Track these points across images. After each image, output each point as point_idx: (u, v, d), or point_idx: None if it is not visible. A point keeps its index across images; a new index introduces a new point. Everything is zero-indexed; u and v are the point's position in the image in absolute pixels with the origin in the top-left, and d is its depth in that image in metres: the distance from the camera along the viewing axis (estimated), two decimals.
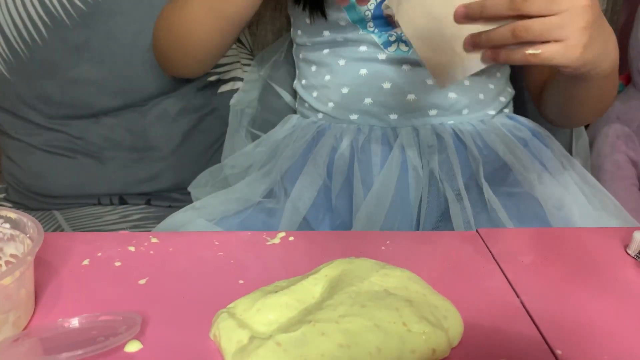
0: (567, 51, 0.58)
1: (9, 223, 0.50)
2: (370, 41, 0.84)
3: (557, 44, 0.58)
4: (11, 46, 0.98)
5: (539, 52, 0.58)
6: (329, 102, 0.88)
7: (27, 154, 1.07)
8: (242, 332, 0.43)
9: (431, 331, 0.43)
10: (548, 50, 0.58)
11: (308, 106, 0.92)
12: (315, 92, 0.90)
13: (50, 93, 1.01)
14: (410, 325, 0.43)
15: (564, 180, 0.80)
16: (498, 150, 0.81)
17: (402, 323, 0.43)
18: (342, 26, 0.85)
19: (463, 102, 0.84)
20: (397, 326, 0.43)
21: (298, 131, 0.90)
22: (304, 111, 0.93)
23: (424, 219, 0.78)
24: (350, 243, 0.59)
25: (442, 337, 0.43)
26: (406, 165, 0.80)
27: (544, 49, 0.58)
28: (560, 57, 0.59)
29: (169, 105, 1.05)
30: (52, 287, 0.51)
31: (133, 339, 0.44)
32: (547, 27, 0.57)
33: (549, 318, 0.48)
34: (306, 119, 0.92)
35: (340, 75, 0.86)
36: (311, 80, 0.91)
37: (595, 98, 0.78)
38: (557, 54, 0.58)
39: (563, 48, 0.58)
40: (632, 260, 0.56)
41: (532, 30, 0.57)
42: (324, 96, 0.89)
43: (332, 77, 0.87)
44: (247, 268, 0.54)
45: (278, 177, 0.84)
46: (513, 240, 0.60)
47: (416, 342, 0.43)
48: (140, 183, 1.07)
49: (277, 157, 0.87)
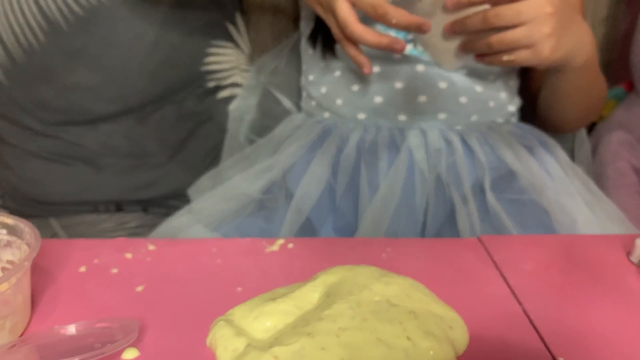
0: (536, 55, 0.68)
1: (5, 229, 0.49)
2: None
3: (527, 50, 0.68)
4: (8, 51, 0.98)
5: (513, 58, 0.69)
6: (338, 99, 0.86)
7: (23, 161, 1.07)
8: (238, 341, 0.43)
9: (439, 348, 0.42)
10: (519, 56, 0.68)
11: (315, 104, 0.90)
12: (324, 88, 0.88)
13: (47, 99, 1.01)
14: (416, 340, 0.42)
15: (568, 188, 0.80)
16: (504, 157, 0.81)
17: (406, 337, 0.42)
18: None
19: (473, 108, 0.84)
20: (401, 340, 0.42)
21: (303, 130, 0.89)
22: (310, 109, 0.92)
23: (430, 222, 0.77)
24: (350, 250, 0.58)
25: (449, 352, 0.42)
26: (413, 168, 0.80)
27: (516, 55, 0.68)
28: (531, 60, 0.69)
29: (167, 112, 1.05)
30: (48, 293, 0.50)
31: (130, 346, 0.43)
32: (516, 37, 0.67)
33: (551, 325, 0.47)
34: (311, 118, 0.91)
35: (351, 72, 0.85)
36: (320, 76, 0.89)
37: (577, 91, 0.82)
38: (528, 59, 0.69)
39: (532, 53, 0.68)
40: (635, 268, 0.56)
41: (504, 42, 0.67)
42: (332, 92, 0.87)
43: (343, 73, 0.86)
44: (245, 275, 0.54)
45: (280, 174, 0.83)
46: (515, 247, 0.60)
47: (423, 358, 0.41)
48: (137, 190, 1.07)
49: (280, 154, 0.87)
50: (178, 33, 1.00)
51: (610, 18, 1.13)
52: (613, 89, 1.16)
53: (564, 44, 0.69)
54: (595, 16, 1.12)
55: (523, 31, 0.66)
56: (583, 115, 0.90)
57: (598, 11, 1.13)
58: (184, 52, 1.02)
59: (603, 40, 1.15)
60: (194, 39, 1.03)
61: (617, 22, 1.14)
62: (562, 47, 0.69)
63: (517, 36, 0.67)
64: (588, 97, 0.85)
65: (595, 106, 0.90)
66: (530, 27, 0.66)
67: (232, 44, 1.07)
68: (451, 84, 0.82)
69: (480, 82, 0.83)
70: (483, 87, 0.84)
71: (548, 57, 0.68)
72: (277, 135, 0.92)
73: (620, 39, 1.16)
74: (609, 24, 1.14)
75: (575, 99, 0.84)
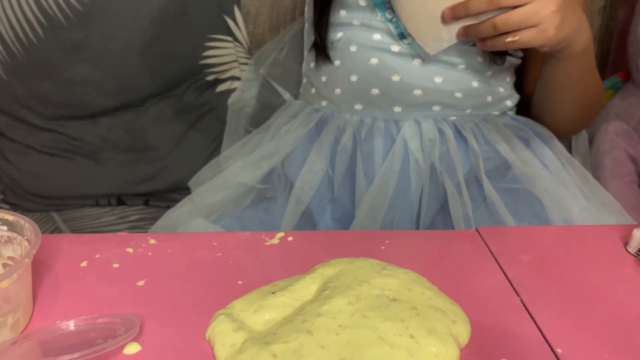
0: (541, 34, 0.67)
1: (6, 225, 0.50)
2: (386, 30, 0.83)
3: (532, 29, 0.67)
4: (7, 47, 0.98)
5: (517, 39, 0.68)
6: (337, 88, 0.87)
7: (24, 155, 1.07)
8: (236, 336, 0.43)
9: (442, 346, 0.41)
10: (525, 36, 0.68)
11: (315, 92, 0.91)
12: (324, 77, 0.89)
13: (47, 93, 1.01)
14: (419, 338, 0.41)
15: (564, 179, 0.80)
16: (498, 147, 0.81)
17: (409, 335, 0.41)
18: (361, 7, 0.84)
19: (469, 102, 0.84)
20: (403, 338, 0.41)
21: (300, 118, 0.89)
22: (309, 97, 0.93)
23: (424, 210, 0.78)
24: (349, 242, 0.59)
25: (453, 348, 0.42)
26: (408, 157, 0.80)
27: (521, 35, 0.67)
28: (536, 40, 0.68)
29: (166, 105, 1.05)
30: (50, 289, 0.51)
31: (132, 340, 0.43)
32: (523, 17, 0.66)
33: (548, 316, 0.47)
34: (309, 106, 0.92)
35: (351, 62, 0.86)
36: (320, 64, 0.90)
37: (572, 86, 0.82)
38: (533, 38, 0.68)
39: (538, 32, 0.67)
40: (632, 258, 0.56)
41: (510, 22, 0.66)
42: (332, 81, 0.88)
43: (342, 62, 0.86)
44: (246, 269, 0.54)
45: (278, 163, 0.84)
46: (513, 239, 0.60)
47: (426, 356, 0.40)
48: (138, 183, 1.07)
49: (277, 140, 0.87)
50: (177, 27, 1.00)
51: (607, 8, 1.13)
52: (610, 79, 1.16)
53: (567, 24, 0.69)
54: (592, 6, 1.12)
55: (529, 9, 0.66)
56: (577, 115, 0.88)
57: (595, 2, 1.13)
58: (183, 46, 1.02)
59: (600, 30, 1.15)
60: (193, 33, 1.03)
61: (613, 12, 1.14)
62: (566, 26, 0.69)
63: (524, 15, 0.66)
64: (583, 95, 0.84)
65: (589, 108, 0.89)
66: (537, 5, 0.66)
67: (230, 37, 1.07)
68: (447, 79, 0.82)
69: (477, 77, 0.83)
70: (479, 82, 0.84)
71: (553, 35, 0.68)
72: (274, 122, 0.93)
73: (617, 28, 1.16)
74: (605, 14, 1.14)
75: (571, 94, 0.83)
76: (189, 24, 1.02)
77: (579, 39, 0.73)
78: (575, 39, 0.72)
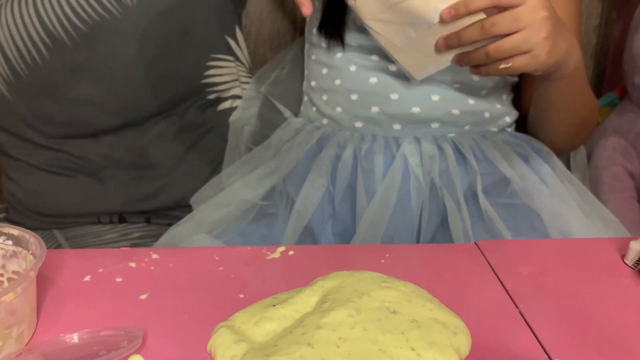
0: (533, 60, 0.68)
1: (11, 240, 0.50)
2: (382, 51, 0.84)
3: (524, 55, 0.68)
4: (12, 66, 0.99)
5: (510, 65, 0.68)
6: (337, 106, 0.88)
7: (27, 174, 1.08)
8: (237, 348, 0.43)
9: (443, 358, 0.41)
10: (518, 62, 0.68)
11: (316, 110, 0.92)
12: (325, 96, 0.90)
13: (51, 113, 1.02)
14: (420, 350, 0.41)
15: (563, 195, 0.81)
16: (497, 164, 0.82)
17: (410, 348, 0.41)
18: (358, 26, 0.85)
19: (467, 119, 0.85)
20: (404, 351, 0.41)
21: (301, 136, 0.90)
22: (310, 114, 0.94)
23: (425, 227, 0.79)
24: (350, 256, 0.59)
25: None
26: (408, 174, 0.81)
27: (514, 62, 0.68)
28: (528, 65, 0.69)
29: (168, 124, 1.06)
30: (54, 302, 0.51)
31: (134, 353, 0.44)
32: (515, 44, 0.67)
33: (547, 327, 0.48)
34: (310, 124, 0.93)
35: (351, 81, 0.87)
36: (321, 83, 0.91)
37: (566, 104, 0.83)
38: (526, 64, 0.69)
39: (530, 58, 0.68)
40: (630, 270, 0.57)
41: (502, 49, 0.67)
42: (333, 100, 0.89)
43: (342, 82, 0.87)
44: (247, 282, 0.55)
45: (280, 180, 0.84)
46: (511, 252, 0.60)
47: None
48: (140, 201, 1.08)
49: (279, 158, 0.88)
50: (179, 47, 1.01)
51: (602, 26, 1.14)
52: (607, 95, 1.17)
53: (558, 48, 0.70)
54: (587, 24, 1.14)
55: (521, 37, 0.66)
56: (572, 132, 0.89)
57: (590, 20, 1.14)
58: (185, 66, 1.03)
59: (596, 47, 1.17)
60: (195, 53, 1.04)
61: (609, 30, 1.15)
62: (557, 51, 0.70)
63: (517, 42, 0.67)
64: (576, 113, 0.85)
65: (583, 125, 0.90)
66: (528, 32, 0.66)
67: (232, 57, 1.08)
68: (443, 97, 0.83)
69: (473, 95, 0.85)
70: (476, 100, 0.85)
71: (545, 60, 0.69)
72: (275, 139, 0.94)
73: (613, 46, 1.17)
74: (601, 32, 1.15)
75: (565, 112, 0.84)
76: (191, 44, 1.03)
77: (569, 61, 0.74)
78: (567, 62, 0.73)
